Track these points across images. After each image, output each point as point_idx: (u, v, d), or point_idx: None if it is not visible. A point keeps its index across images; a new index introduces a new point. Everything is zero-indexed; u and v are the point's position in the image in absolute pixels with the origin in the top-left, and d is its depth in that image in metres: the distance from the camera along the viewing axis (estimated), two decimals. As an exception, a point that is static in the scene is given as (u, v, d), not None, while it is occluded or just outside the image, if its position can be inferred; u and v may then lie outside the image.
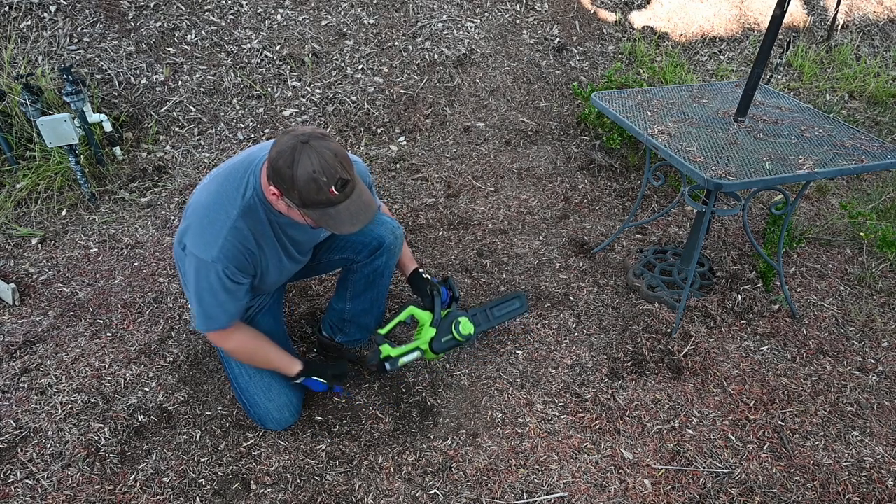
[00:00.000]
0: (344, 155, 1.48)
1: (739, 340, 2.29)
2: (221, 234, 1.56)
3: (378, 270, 1.99)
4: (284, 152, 1.43)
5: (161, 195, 3.05)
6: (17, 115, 3.04)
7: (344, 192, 1.47)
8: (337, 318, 2.10)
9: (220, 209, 1.58)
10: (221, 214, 1.58)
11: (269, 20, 3.74)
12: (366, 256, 1.95)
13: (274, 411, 1.88)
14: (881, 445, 1.94)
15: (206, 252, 1.56)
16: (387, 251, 1.95)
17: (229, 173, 1.64)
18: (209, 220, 1.58)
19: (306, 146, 1.42)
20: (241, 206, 1.58)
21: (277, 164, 1.44)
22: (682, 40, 4.24)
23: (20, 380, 2.07)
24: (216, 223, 1.57)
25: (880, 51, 4.51)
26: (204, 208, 1.61)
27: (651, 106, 2.36)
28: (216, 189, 1.62)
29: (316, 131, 1.46)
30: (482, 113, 3.68)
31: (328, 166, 1.42)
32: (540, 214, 3.02)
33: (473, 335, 2.02)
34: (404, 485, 1.78)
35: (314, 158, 1.41)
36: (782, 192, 2.26)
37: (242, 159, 1.66)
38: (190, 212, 1.65)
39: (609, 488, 1.78)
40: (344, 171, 1.45)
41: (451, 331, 1.98)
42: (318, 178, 1.42)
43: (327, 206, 1.48)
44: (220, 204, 1.59)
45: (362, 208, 1.53)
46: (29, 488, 1.75)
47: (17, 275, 2.56)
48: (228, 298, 1.63)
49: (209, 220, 1.58)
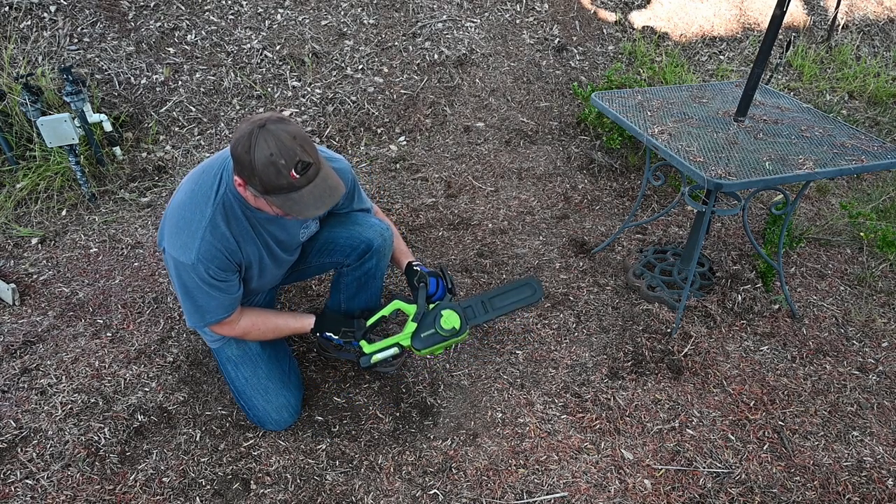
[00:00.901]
0: (304, 137, 1.43)
1: (739, 340, 2.29)
2: (197, 234, 1.53)
3: (369, 273, 1.97)
4: (242, 138, 1.40)
5: (161, 195, 3.05)
6: (17, 115, 3.04)
7: (306, 175, 1.43)
8: None
9: (194, 208, 1.55)
10: (196, 214, 1.55)
11: (269, 20, 3.74)
12: (355, 260, 1.94)
13: (272, 412, 1.88)
14: (881, 445, 1.94)
15: (185, 255, 1.54)
16: (376, 254, 1.93)
17: (204, 171, 1.61)
18: (185, 220, 1.56)
19: (263, 130, 1.38)
20: (214, 202, 1.55)
21: (237, 151, 1.41)
22: (682, 40, 4.24)
23: (20, 380, 2.07)
24: (192, 223, 1.54)
25: (880, 51, 4.51)
26: (179, 208, 1.58)
27: (651, 106, 2.36)
28: (190, 189, 1.59)
29: (274, 115, 1.42)
30: (482, 113, 3.68)
31: (286, 149, 1.38)
32: (540, 214, 3.02)
33: (462, 328, 1.82)
34: (404, 485, 1.78)
35: (271, 142, 1.38)
36: (782, 192, 2.26)
37: (218, 156, 1.63)
38: (168, 213, 1.63)
39: (609, 488, 1.78)
40: (304, 153, 1.41)
41: (433, 325, 1.81)
42: (276, 161, 1.38)
43: (289, 190, 1.44)
44: (195, 203, 1.56)
45: (327, 191, 1.49)
46: (29, 488, 1.75)
47: (17, 275, 2.56)
48: (219, 293, 1.62)
49: (185, 220, 1.56)
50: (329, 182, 1.50)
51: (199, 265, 1.54)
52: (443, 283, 1.97)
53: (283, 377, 1.91)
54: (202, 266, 1.55)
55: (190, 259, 1.54)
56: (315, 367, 2.17)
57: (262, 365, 1.88)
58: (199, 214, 1.55)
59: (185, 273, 1.57)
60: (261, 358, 1.88)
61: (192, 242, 1.54)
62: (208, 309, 1.64)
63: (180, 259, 1.55)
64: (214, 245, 1.55)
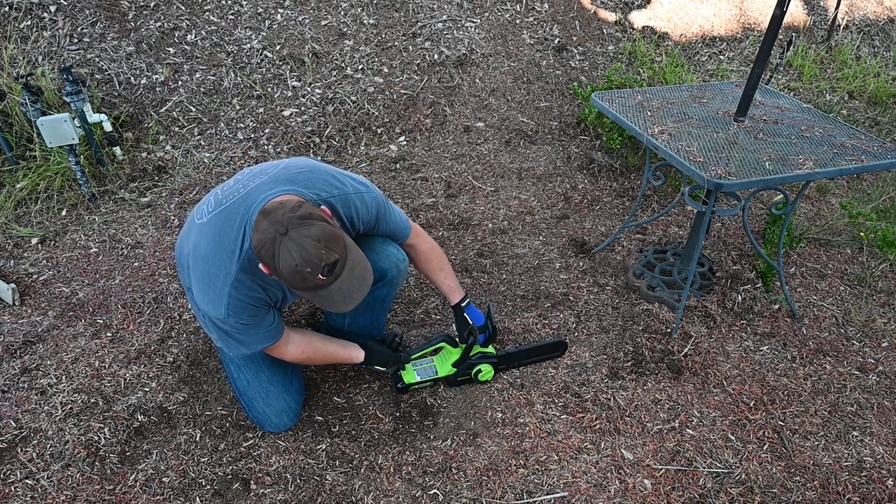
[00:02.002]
0: (329, 235, 1.40)
1: (739, 340, 2.29)
2: (224, 291, 1.55)
3: (379, 298, 1.98)
4: (265, 243, 1.38)
5: (161, 195, 3.05)
6: (17, 115, 3.04)
7: (333, 273, 1.42)
8: (337, 328, 2.09)
9: (219, 265, 1.56)
10: (221, 271, 1.55)
11: (269, 20, 3.74)
12: None
13: (272, 416, 1.88)
14: (881, 445, 1.94)
15: (215, 310, 1.57)
16: (388, 283, 1.94)
17: (225, 220, 1.58)
18: (210, 277, 1.57)
19: (285, 238, 1.36)
20: (239, 260, 1.54)
21: (260, 254, 1.41)
22: (682, 40, 4.24)
23: (20, 380, 2.07)
24: (217, 280, 1.56)
25: (880, 51, 4.51)
26: (203, 262, 1.58)
27: (651, 106, 2.36)
28: (213, 239, 1.58)
29: (295, 215, 1.38)
30: (482, 113, 3.68)
31: (311, 257, 1.36)
32: (540, 214, 3.02)
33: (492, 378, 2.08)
34: (404, 485, 1.78)
35: (294, 252, 1.36)
36: (782, 192, 2.26)
37: (238, 202, 1.59)
38: (191, 261, 1.62)
39: (609, 488, 1.78)
40: (330, 253, 1.39)
41: (470, 373, 2.04)
42: (301, 271, 1.37)
43: (317, 289, 1.44)
44: (219, 258, 1.56)
45: (355, 285, 1.48)
46: (29, 488, 1.75)
47: (17, 275, 2.56)
48: (255, 330, 1.65)
49: (210, 277, 1.57)
50: (356, 272, 1.48)
51: (229, 318, 1.58)
52: (488, 331, 2.08)
53: (284, 381, 1.90)
54: (233, 318, 1.58)
55: (220, 314, 1.57)
56: (315, 367, 2.17)
57: (264, 368, 1.88)
58: (223, 272, 1.55)
59: (219, 322, 1.61)
60: (263, 361, 1.88)
61: (220, 300, 1.56)
62: (248, 343, 1.68)
63: (211, 314, 1.59)
64: (241, 300, 1.57)
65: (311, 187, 1.63)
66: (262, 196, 1.56)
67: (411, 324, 2.36)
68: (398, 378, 2.02)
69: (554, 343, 2.16)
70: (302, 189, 1.61)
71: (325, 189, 1.66)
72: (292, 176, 1.64)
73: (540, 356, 2.16)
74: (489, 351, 2.06)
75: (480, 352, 2.04)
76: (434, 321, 2.37)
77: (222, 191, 1.67)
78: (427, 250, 2.00)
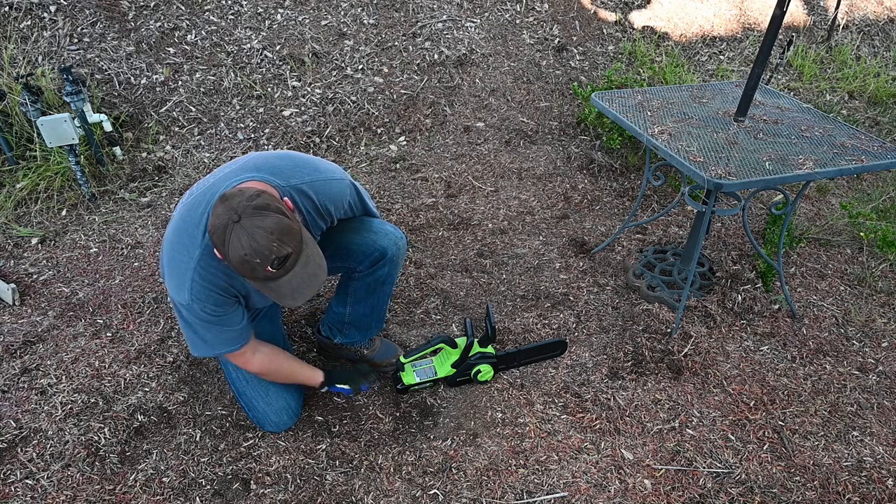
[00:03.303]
0: (284, 228, 1.37)
1: (739, 340, 2.29)
2: (187, 276, 1.53)
3: (380, 279, 1.96)
4: (218, 228, 1.36)
5: (161, 195, 3.05)
6: (17, 115, 3.04)
7: (284, 266, 1.39)
8: (337, 320, 2.09)
9: (182, 249, 1.54)
10: (185, 256, 1.54)
11: (269, 20, 3.74)
12: (367, 266, 1.91)
13: (272, 415, 1.88)
14: (881, 445, 1.94)
15: (179, 295, 1.55)
16: (389, 262, 1.92)
17: (191, 208, 1.56)
18: (174, 261, 1.56)
19: (237, 226, 1.34)
20: (202, 244, 1.53)
21: (213, 238, 1.39)
22: (682, 40, 4.24)
23: (20, 380, 2.07)
24: (181, 265, 1.54)
25: (880, 51, 4.51)
26: (169, 248, 1.58)
27: (651, 106, 2.36)
28: (179, 226, 1.57)
29: (251, 204, 1.36)
30: (482, 113, 3.68)
31: (260, 247, 1.34)
32: (540, 214, 3.02)
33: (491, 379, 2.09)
34: (404, 485, 1.78)
35: (244, 240, 1.33)
36: (782, 192, 2.26)
37: (204, 192, 1.57)
38: (163, 246, 1.62)
39: (609, 488, 1.78)
40: (281, 246, 1.36)
41: (469, 373, 2.04)
42: (250, 261, 1.35)
43: (265, 280, 1.42)
44: (182, 243, 1.55)
45: (306, 280, 1.45)
46: (29, 488, 1.75)
47: (17, 275, 2.56)
48: (220, 328, 1.62)
49: (174, 261, 1.56)
50: (309, 269, 1.45)
51: (193, 304, 1.55)
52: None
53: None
54: (197, 305, 1.55)
55: (184, 299, 1.55)
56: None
57: None
58: (186, 256, 1.54)
59: (183, 310, 1.59)
60: None
61: (183, 284, 1.54)
62: (212, 342, 1.65)
63: (175, 298, 1.57)
64: (205, 286, 1.55)
65: (279, 174, 1.60)
66: (227, 183, 1.54)
67: (411, 324, 2.36)
68: (398, 379, 2.02)
69: (554, 343, 2.16)
70: (268, 176, 1.57)
71: (295, 176, 1.62)
72: (261, 163, 1.61)
73: (540, 356, 2.16)
74: (489, 351, 2.06)
75: (480, 352, 2.04)
76: (434, 321, 2.37)
77: (198, 184, 1.66)
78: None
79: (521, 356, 2.13)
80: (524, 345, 2.21)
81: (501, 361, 2.08)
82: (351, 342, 2.13)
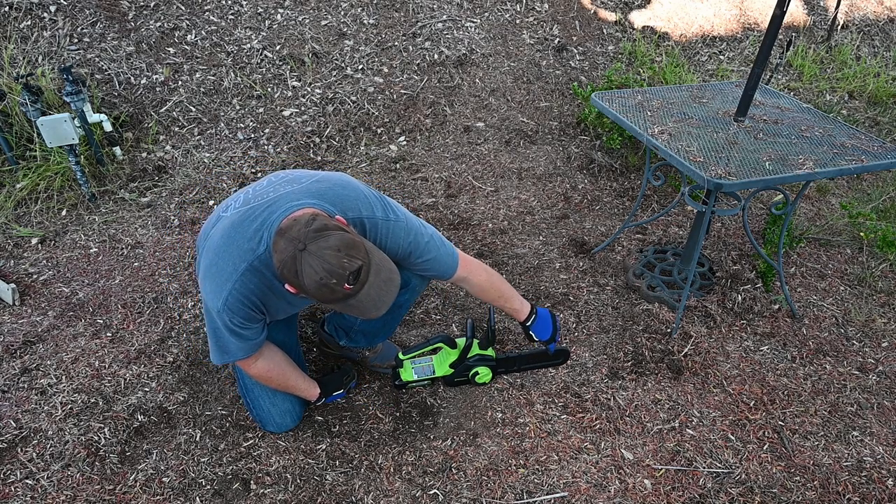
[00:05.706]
0: (348, 243, 1.38)
1: (739, 340, 2.29)
2: (227, 285, 1.54)
3: (397, 304, 1.91)
4: (287, 262, 1.37)
5: (161, 195, 3.05)
6: (17, 115, 3.04)
7: (359, 280, 1.40)
8: (347, 325, 2.07)
9: (228, 258, 1.55)
10: (229, 265, 1.54)
11: (269, 20, 3.74)
12: None
13: (276, 416, 1.88)
14: (881, 445, 1.94)
15: (213, 301, 1.57)
16: (411, 291, 1.93)
17: (246, 218, 1.57)
18: (218, 267, 1.56)
19: (305, 254, 1.35)
20: (250, 260, 1.53)
21: (283, 273, 1.39)
22: (682, 40, 4.24)
23: (20, 380, 2.07)
24: (223, 273, 1.55)
25: (880, 51, 4.51)
26: (215, 253, 1.58)
27: (651, 106, 2.36)
28: (229, 234, 1.57)
29: (310, 229, 1.37)
30: (482, 113, 3.68)
31: (332, 267, 1.34)
32: (540, 214, 3.02)
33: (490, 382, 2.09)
34: (404, 485, 1.78)
35: (316, 265, 1.34)
36: (782, 192, 2.26)
37: (264, 205, 1.57)
38: (207, 246, 1.62)
39: (609, 488, 1.78)
40: (351, 261, 1.37)
41: (467, 375, 2.04)
42: (327, 283, 1.35)
43: (346, 299, 1.41)
44: (230, 253, 1.55)
45: (383, 289, 1.46)
46: (29, 488, 1.75)
47: (17, 275, 2.56)
48: (240, 339, 1.64)
49: (218, 267, 1.56)
50: (382, 275, 1.46)
51: (223, 314, 1.56)
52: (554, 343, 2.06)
53: None
54: (227, 315, 1.56)
55: (217, 306, 1.56)
56: (315, 367, 2.18)
57: None
58: (231, 266, 1.54)
59: (213, 314, 1.60)
60: None
61: (220, 291, 1.55)
62: (230, 350, 1.66)
63: (209, 303, 1.59)
64: (240, 300, 1.56)
65: (338, 205, 1.60)
66: (288, 205, 1.54)
67: (411, 324, 2.36)
68: (396, 375, 2.03)
69: (556, 352, 2.12)
70: (328, 206, 1.57)
71: (352, 209, 1.62)
72: (323, 190, 1.61)
73: (540, 363, 2.14)
74: (488, 353, 2.05)
75: (479, 354, 2.04)
76: (434, 321, 2.37)
77: (253, 190, 1.66)
78: (481, 283, 1.88)
79: (522, 361, 2.11)
80: (526, 350, 2.20)
81: (500, 365, 2.08)
82: (356, 346, 2.13)
